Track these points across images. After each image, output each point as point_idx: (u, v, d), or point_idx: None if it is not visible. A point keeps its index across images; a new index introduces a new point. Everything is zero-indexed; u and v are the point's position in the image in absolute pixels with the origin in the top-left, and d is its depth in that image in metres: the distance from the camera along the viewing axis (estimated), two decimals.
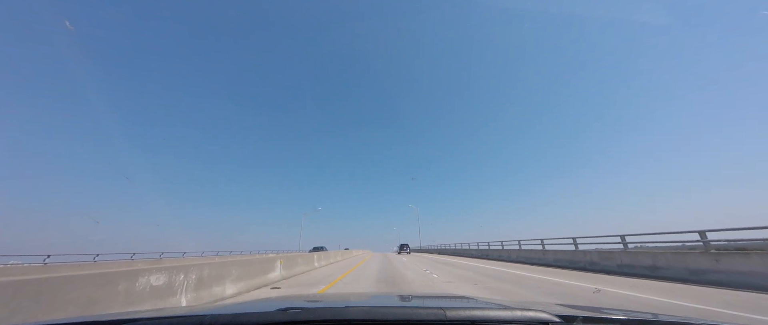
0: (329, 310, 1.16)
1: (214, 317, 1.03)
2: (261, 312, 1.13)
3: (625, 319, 1.14)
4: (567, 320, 1.04)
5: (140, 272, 4.64)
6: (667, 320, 1.15)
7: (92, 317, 1.17)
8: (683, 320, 1.16)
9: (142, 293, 4.53)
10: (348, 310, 1.09)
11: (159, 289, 4.88)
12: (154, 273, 4.84)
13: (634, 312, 1.31)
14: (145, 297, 4.56)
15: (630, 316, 1.17)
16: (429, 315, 1.04)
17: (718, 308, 4.90)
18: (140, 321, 1.07)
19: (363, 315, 1.04)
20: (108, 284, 4.06)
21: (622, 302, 5.66)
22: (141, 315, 1.16)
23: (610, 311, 1.30)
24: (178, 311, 1.38)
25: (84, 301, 3.68)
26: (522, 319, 1.04)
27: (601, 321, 1.13)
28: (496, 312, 1.09)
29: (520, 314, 1.05)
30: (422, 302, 1.88)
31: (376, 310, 1.10)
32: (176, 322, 1.10)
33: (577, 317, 1.09)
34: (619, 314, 1.21)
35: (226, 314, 1.08)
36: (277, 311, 1.12)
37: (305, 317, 1.08)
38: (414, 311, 1.12)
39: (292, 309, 1.13)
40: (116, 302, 4.07)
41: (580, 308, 1.43)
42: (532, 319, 1.04)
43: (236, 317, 1.04)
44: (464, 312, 1.06)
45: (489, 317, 1.05)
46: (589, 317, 1.12)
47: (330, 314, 1.12)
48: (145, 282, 4.62)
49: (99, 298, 3.86)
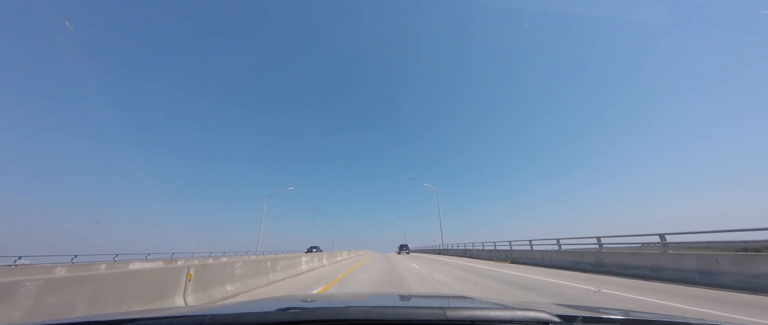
0: (329, 310, 1.16)
1: (214, 317, 1.03)
2: (261, 312, 1.13)
3: (625, 319, 1.13)
4: (567, 320, 1.04)
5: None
6: (667, 320, 1.15)
7: (92, 317, 1.17)
8: (683, 320, 1.16)
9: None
10: (348, 310, 1.09)
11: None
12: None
13: (634, 312, 1.31)
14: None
15: (630, 316, 1.17)
16: (429, 315, 1.04)
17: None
18: (140, 321, 1.07)
19: (363, 315, 1.04)
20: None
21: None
22: (141, 315, 1.16)
23: (610, 311, 1.30)
24: (178, 311, 1.38)
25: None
26: (522, 319, 1.04)
27: (601, 321, 1.13)
28: (496, 312, 1.09)
29: (520, 314, 1.05)
30: (422, 301, 1.88)
31: (376, 310, 1.09)
32: (176, 322, 1.10)
33: (577, 316, 1.09)
34: (619, 314, 1.21)
35: (226, 314, 1.08)
36: (277, 311, 1.12)
37: (305, 316, 1.08)
38: (414, 311, 1.12)
39: (292, 309, 1.13)
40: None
41: (580, 308, 1.43)
42: (532, 319, 1.04)
43: (236, 317, 1.04)
44: (464, 312, 1.06)
45: (489, 317, 1.05)
46: (589, 316, 1.12)
47: (330, 313, 1.12)
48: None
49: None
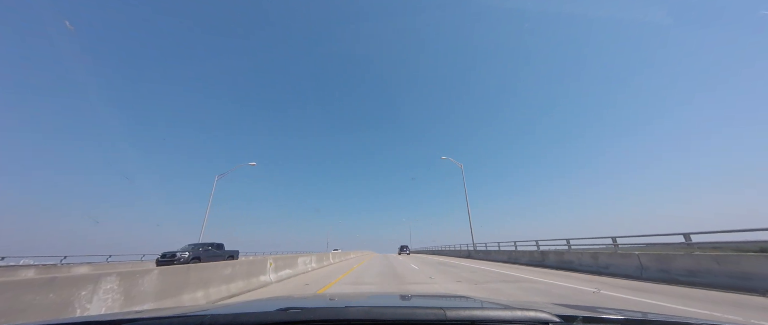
0: (329, 310, 1.16)
1: (214, 317, 1.03)
2: (261, 312, 1.13)
3: (625, 319, 1.13)
4: (567, 320, 1.04)
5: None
6: (667, 320, 1.14)
7: (92, 317, 1.17)
8: (683, 320, 1.16)
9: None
10: (348, 310, 1.09)
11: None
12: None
13: (634, 312, 1.31)
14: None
15: (630, 316, 1.17)
16: (429, 315, 1.04)
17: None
18: (140, 321, 1.07)
19: (363, 315, 1.04)
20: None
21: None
22: (141, 315, 1.15)
23: (610, 311, 1.29)
24: (178, 311, 1.38)
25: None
26: (522, 319, 1.03)
27: (601, 321, 1.13)
28: (496, 312, 1.09)
29: (521, 314, 1.05)
30: (422, 301, 1.87)
31: (376, 310, 1.09)
32: (176, 322, 1.09)
33: (577, 316, 1.08)
34: (619, 314, 1.21)
35: (226, 314, 1.08)
36: (277, 311, 1.12)
37: (305, 316, 1.08)
38: (414, 311, 1.11)
39: (292, 309, 1.12)
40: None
41: (580, 308, 1.43)
42: (532, 319, 1.03)
43: (236, 317, 1.04)
44: (464, 312, 1.06)
45: (489, 317, 1.04)
46: (589, 316, 1.12)
47: (330, 313, 1.12)
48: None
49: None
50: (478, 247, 25.83)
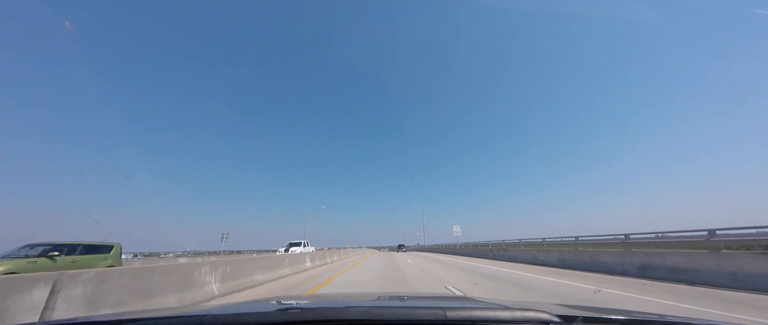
0: (329, 310, 1.16)
1: (214, 317, 1.03)
2: (261, 312, 1.13)
3: (626, 319, 1.13)
4: (567, 320, 1.03)
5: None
6: (669, 320, 1.14)
7: (92, 318, 1.17)
8: (685, 320, 1.15)
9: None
10: (348, 310, 1.09)
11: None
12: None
13: (634, 312, 1.30)
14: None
15: (630, 316, 1.16)
16: (429, 315, 1.04)
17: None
18: (140, 321, 1.07)
19: (363, 315, 1.04)
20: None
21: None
22: (141, 315, 1.15)
23: (611, 312, 1.29)
24: (178, 311, 1.37)
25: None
26: (522, 319, 1.03)
27: (601, 321, 1.12)
28: (496, 312, 1.09)
29: (520, 314, 1.05)
30: (422, 302, 1.87)
31: (375, 310, 1.09)
32: (176, 322, 1.09)
33: (578, 317, 1.08)
34: (620, 314, 1.20)
35: (226, 314, 1.08)
36: (276, 311, 1.12)
37: (305, 316, 1.07)
38: (414, 311, 1.11)
39: (292, 309, 1.13)
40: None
41: (580, 308, 1.42)
42: (532, 319, 1.03)
43: (236, 317, 1.04)
44: (464, 312, 1.05)
45: (489, 317, 1.04)
46: (589, 317, 1.12)
47: (330, 313, 1.12)
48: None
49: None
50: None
